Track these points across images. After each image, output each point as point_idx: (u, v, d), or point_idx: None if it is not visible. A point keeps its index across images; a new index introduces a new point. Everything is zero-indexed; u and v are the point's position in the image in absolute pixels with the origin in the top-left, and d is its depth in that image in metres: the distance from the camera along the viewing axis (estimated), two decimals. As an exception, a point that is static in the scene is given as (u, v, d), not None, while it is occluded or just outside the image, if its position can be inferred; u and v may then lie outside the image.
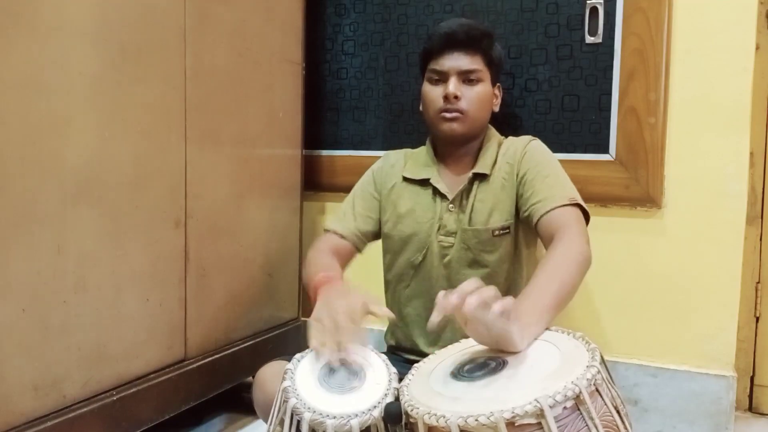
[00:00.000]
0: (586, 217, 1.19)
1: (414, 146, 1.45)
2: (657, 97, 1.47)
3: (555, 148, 1.56)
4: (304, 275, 1.29)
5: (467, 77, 1.26)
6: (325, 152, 1.88)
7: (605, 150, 1.54)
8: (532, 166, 1.24)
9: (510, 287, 1.27)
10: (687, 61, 1.46)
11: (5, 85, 0.96)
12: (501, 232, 1.25)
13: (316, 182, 1.87)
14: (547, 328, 0.92)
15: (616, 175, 1.53)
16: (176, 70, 1.29)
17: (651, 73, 1.48)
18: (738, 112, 1.43)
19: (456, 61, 1.25)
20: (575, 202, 1.17)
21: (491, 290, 0.80)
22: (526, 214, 1.21)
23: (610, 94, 1.53)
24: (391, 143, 1.77)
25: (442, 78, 1.26)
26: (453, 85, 1.24)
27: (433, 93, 1.28)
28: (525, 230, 1.27)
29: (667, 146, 1.49)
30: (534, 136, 1.36)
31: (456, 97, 1.24)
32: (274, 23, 1.59)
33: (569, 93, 1.57)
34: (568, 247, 1.06)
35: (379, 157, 1.47)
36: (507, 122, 1.62)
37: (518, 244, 1.28)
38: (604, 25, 1.52)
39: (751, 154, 1.50)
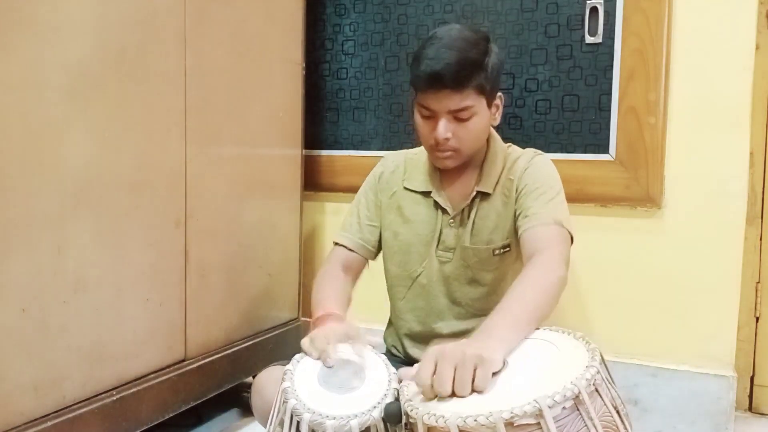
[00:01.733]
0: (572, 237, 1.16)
1: (414, 146, 1.42)
2: (657, 97, 1.47)
3: (555, 148, 1.58)
4: (312, 294, 1.25)
5: (458, 115, 1.13)
6: (325, 152, 1.88)
7: (605, 150, 1.54)
8: (530, 182, 1.19)
9: None
10: (687, 61, 1.46)
11: (5, 85, 0.96)
12: (502, 250, 1.22)
13: (316, 182, 1.88)
14: (539, 327, 0.92)
15: (616, 175, 1.53)
16: (176, 70, 1.29)
17: (651, 73, 1.47)
18: (738, 112, 1.43)
19: (444, 102, 1.12)
20: (560, 224, 1.13)
21: (467, 380, 0.79)
22: (515, 227, 1.19)
23: (610, 94, 1.53)
24: (391, 143, 1.77)
25: (431, 115, 1.15)
26: (443, 128, 1.13)
27: (423, 128, 1.17)
28: None
29: (667, 146, 1.49)
30: (534, 135, 1.35)
31: (447, 139, 1.15)
32: (274, 23, 1.59)
33: (569, 93, 1.57)
34: (544, 269, 1.04)
35: (380, 157, 1.44)
36: (507, 122, 1.62)
37: (519, 260, 1.23)
38: (604, 25, 1.52)
39: (751, 154, 1.50)
